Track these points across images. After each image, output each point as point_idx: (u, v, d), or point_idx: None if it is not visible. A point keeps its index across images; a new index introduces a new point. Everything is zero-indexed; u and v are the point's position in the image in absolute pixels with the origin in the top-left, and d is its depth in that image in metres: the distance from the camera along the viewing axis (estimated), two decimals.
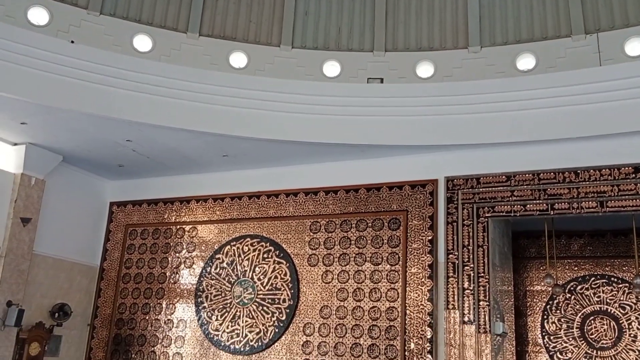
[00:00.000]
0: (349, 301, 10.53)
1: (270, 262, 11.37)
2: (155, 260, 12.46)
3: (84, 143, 11.16)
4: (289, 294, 11.01)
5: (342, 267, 10.77)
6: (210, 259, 11.90)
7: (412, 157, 10.72)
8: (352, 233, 10.88)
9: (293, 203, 11.52)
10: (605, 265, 11.49)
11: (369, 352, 10.12)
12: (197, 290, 11.81)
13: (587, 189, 9.48)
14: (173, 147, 11.13)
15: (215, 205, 12.21)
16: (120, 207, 13.16)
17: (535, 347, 11.60)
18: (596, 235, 11.73)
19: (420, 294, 10.06)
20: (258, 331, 11.04)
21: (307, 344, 10.61)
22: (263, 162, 11.58)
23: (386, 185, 10.83)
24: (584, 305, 11.42)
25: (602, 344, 11.10)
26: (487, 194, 10.11)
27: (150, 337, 11.95)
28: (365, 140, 10.34)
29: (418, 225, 10.42)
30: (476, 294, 9.80)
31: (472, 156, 10.34)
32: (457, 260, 9.98)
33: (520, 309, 11.82)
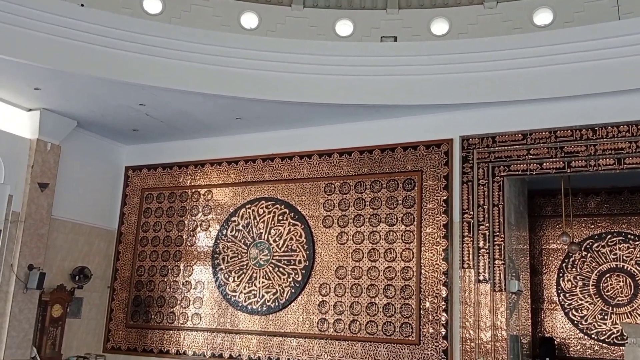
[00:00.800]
0: (364, 261, 10.61)
1: (285, 224, 11.45)
2: (172, 223, 12.59)
3: (98, 108, 11.18)
4: (304, 255, 11.11)
5: (357, 228, 10.81)
6: (226, 222, 12.00)
7: (426, 116, 10.62)
8: (367, 194, 10.89)
9: (307, 165, 11.51)
10: (622, 222, 11.42)
11: (385, 311, 10.24)
12: (214, 253, 11.95)
13: (604, 145, 9.36)
14: (186, 111, 11.12)
15: (229, 169, 12.25)
16: (136, 172, 13.25)
17: (551, 304, 11.65)
18: (613, 192, 11.63)
19: (435, 253, 10.10)
20: (275, 292, 11.19)
21: (323, 303, 10.75)
22: (276, 124, 11.54)
23: (400, 146, 10.77)
24: (600, 263, 11.41)
25: (618, 301, 11.13)
26: (502, 153, 10.02)
27: (169, 298, 12.18)
28: (379, 100, 10.24)
29: (433, 185, 10.39)
30: (491, 253, 9.82)
31: (487, 115, 10.22)
32: (472, 219, 9.98)
33: (535, 267, 11.84)
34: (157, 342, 11.99)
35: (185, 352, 11.69)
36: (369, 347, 10.19)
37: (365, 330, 10.30)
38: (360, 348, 10.25)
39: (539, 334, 11.49)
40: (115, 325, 12.54)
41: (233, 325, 11.41)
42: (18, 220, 10.95)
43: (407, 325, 10.02)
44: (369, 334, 10.25)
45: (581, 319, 11.31)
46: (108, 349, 12.43)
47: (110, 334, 12.52)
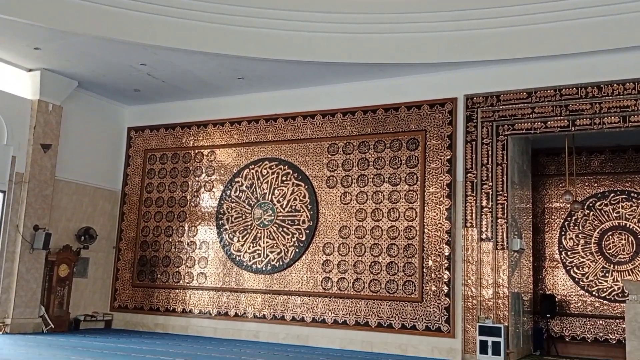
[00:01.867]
0: (368, 221, 10.68)
1: (289, 184, 11.48)
2: (176, 184, 12.63)
3: (99, 68, 11.08)
4: (308, 215, 11.17)
5: (361, 188, 10.84)
6: (230, 183, 12.03)
7: (431, 75, 10.53)
8: (370, 154, 10.87)
9: (310, 125, 11.47)
10: (626, 181, 11.42)
11: (388, 269, 10.35)
12: (218, 213, 12.02)
13: (609, 103, 9.29)
14: (188, 70, 11.02)
15: (232, 129, 12.21)
16: (138, 132, 13.22)
17: (552, 262, 11.75)
18: (617, 151, 11.58)
19: (439, 212, 10.15)
20: (279, 251, 11.30)
21: (327, 262, 10.86)
22: (279, 84, 11.45)
23: (404, 105, 10.71)
24: (602, 221, 11.46)
25: (620, 259, 11.22)
26: (507, 112, 9.97)
27: (174, 258, 12.30)
28: (383, 58, 10.13)
29: (437, 144, 10.36)
30: (494, 212, 9.87)
31: (492, 73, 10.13)
32: (475, 179, 9.99)
33: (538, 225, 11.90)
34: (164, 301, 12.17)
35: (191, 310, 11.88)
36: (372, 305, 10.35)
37: (369, 289, 10.43)
38: (364, 306, 10.41)
39: (540, 291, 11.63)
40: (121, 284, 12.71)
41: (238, 285, 11.56)
42: (22, 181, 10.99)
43: (409, 283, 10.14)
44: (372, 292, 10.39)
45: (582, 276, 11.44)
46: (115, 307, 12.64)
47: (117, 293, 12.70)
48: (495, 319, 9.55)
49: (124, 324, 12.43)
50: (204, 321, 11.69)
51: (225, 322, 11.49)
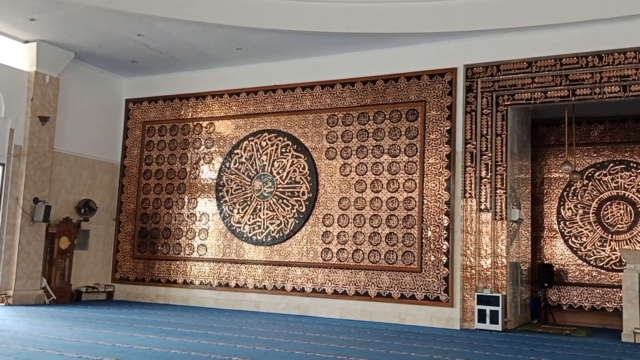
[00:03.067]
0: (367, 192, 10.70)
1: (288, 156, 11.46)
2: (175, 156, 12.61)
3: (95, 39, 10.97)
4: (308, 187, 11.19)
5: (360, 160, 10.84)
6: (229, 155, 12.02)
7: (430, 45, 10.44)
8: (370, 125, 10.84)
9: (309, 96, 11.41)
10: (625, 150, 11.41)
11: (387, 240, 10.41)
12: (218, 185, 12.03)
13: (610, 73, 9.24)
14: (185, 41, 10.92)
15: (231, 101, 12.14)
16: (137, 104, 13.15)
17: (551, 232, 11.82)
18: (617, 120, 11.55)
19: (438, 183, 10.16)
20: (279, 223, 11.34)
21: (327, 234, 10.92)
22: (277, 54, 11.35)
23: (404, 76, 10.64)
24: (601, 191, 11.49)
25: (618, 228, 11.27)
26: (507, 82, 9.91)
27: (174, 230, 12.35)
28: (383, 28, 10.04)
29: (436, 115, 10.33)
30: (493, 183, 9.89)
31: (492, 42, 10.04)
32: (475, 149, 9.98)
33: (537, 196, 11.93)
34: (164, 273, 12.27)
35: (192, 281, 11.97)
36: (372, 275, 10.43)
37: (368, 259, 10.51)
38: (364, 276, 10.49)
39: (538, 261, 11.72)
40: (122, 256, 12.78)
41: (238, 256, 11.63)
42: (21, 154, 10.97)
43: (409, 254, 10.21)
44: (372, 262, 10.47)
45: (580, 246, 11.51)
46: (116, 279, 12.73)
47: (118, 265, 12.78)
48: (494, 288, 9.65)
49: (125, 295, 12.54)
50: (205, 292, 11.80)
51: (226, 293, 11.60)
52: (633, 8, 8.83)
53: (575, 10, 9.19)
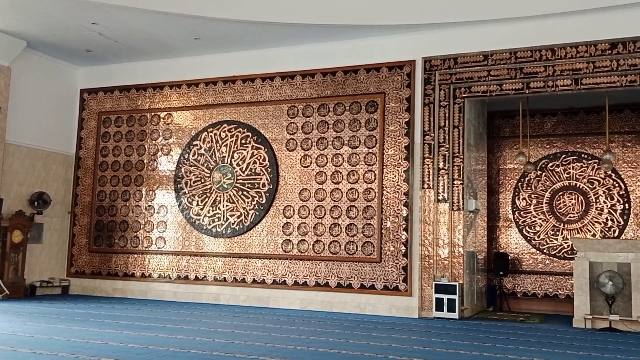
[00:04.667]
0: (328, 184, 10.74)
1: (248, 147, 11.41)
2: (132, 147, 12.39)
3: (48, 27, 10.65)
4: (268, 179, 11.16)
5: (321, 151, 10.86)
6: (188, 146, 11.88)
7: (389, 37, 10.52)
8: (330, 117, 10.87)
9: (269, 87, 11.36)
10: (577, 142, 11.77)
11: (347, 231, 10.49)
12: (176, 177, 11.89)
13: (562, 66, 9.50)
14: (142, 30, 10.71)
15: (189, 91, 11.99)
16: (92, 95, 12.85)
17: (506, 222, 12.11)
18: (569, 113, 11.89)
19: (397, 175, 10.28)
20: (239, 215, 11.29)
21: (288, 225, 10.92)
22: (237, 45, 11.25)
23: (363, 68, 10.69)
24: (553, 182, 11.83)
25: (570, 218, 11.64)
26: (463, 74, 10.08)
27: (132, 222, 12.16)
28: (342, 20, 10.06)
29: (395, 107, 10.43)
30: (451, 174, 10.06)
31: (449, 35, 10.19)
32: (433, 141, 10.12)
33: (493, 186, 12.19)
34: (122, 266, 12.07)
35: (150, 274, 11.82)
36: (332, 266, 10.50)
37: (329, 250, 10.57)
38: (324, 267, 10.55)
39: (494, 250, 12.00)
40: (78, 250, 12.52)
41: (198, 248, 11.53)
42: None
43: (368, 244, 10.31)
44: (332, 253, 10.53)
45: (534, 235, 11.83)
46: (72, 273, 12.47)
47: (74, 259, 12.52)
48: (451, 277, 9.84)
49: (81, 289, 12.29)
50: (164, 285, 11.67)
51: (185, 286, 11.50)
52: (585, 3, 9.09)
53: (529, 5, 9.40)
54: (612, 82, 9.26)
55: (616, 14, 9.12)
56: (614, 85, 9.27)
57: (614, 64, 9.20)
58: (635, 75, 9.11)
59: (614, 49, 9.19)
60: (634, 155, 11.43)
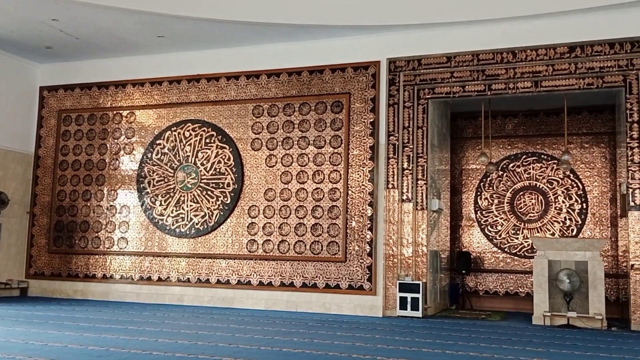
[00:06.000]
0: (293, 183, 10.74)
1: (213, 147, 11.31)
2: (93, 146, 12.16)
3: (7, 23, 10.37)
4: (233, 178, 11.09)
5: (286, 151, 10.85)
6: (151, 145, 11.72)
7: (355, 38, 10.58)
8: (295, 117, 10.87)
9: (234, 87, 11.29)
10: (537, 143, 12.04)
11: (313, 231, 10.50)
12: (139, 176, 11.71)
13: (523, 69, 9.70)
14: (104, 27, 10.52)
15: (153, 90, 11.83)
16: (52, 92, 12.57)
17: (469, 221, 12.31)
18: (530, 114, 12.16)
19: (362, 174, 10.34)
20: (203, 215, 11.19)
21: (253, 225, 10.87)
22: (201, 43, 11.15)
23: (329, 68, 10.72)
24: (514, 182, 12.08)
25: (530, 217, 11.90)
26: (427, 76, 10.19)
27: (93, 223, 11.93)
28: (308, 20, 10.07)
29: (360, 107, 10.49)
30: (415, 174, 10.17)
31: (413, 37, 10.30)
32: (397, 141, 10.22)
33: (456, 186, 12.38)
34: (83, 267, 11.83)
35: (112, 276, 11.62)
36: (297, 266, 10.50)
37: (294, 250, 10.56)
38: (289, 267, 10.54)
39: (457, 249, 12.18)
40: (37, 251, 12.22)
41: (161, 249, 11.39)
42: None
43: (334, 244, 10.34)
44: (297, 253, 10.53)
45: (496, 234, 12.06)
46: (31, 274, 12.17)
47: (33, 260, 12.22)
48: (415, 276, 9.95)
49: (40, 291, 12.01)
50: (126, 286, 11.48)
51: (148, 287, 11.34)
52: (545, 7, 9.30)
53: (491, 8, 9.57)
54: (571, 85, 9.50)
55: (575, 18, 9.37)
56: (572, 87, 9.51)
57: (572, 67, 9.44)
58: (592, 78, 9.37)
59: (572, 52, 9.43)
60: (591, 156, 11.75)
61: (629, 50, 9.15)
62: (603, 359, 6.30)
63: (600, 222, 11.53)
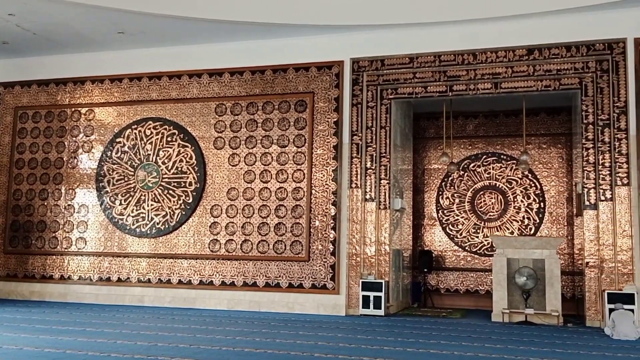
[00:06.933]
0: (256, 183, 10.68)
1: (174, 145, 11.17)
2: (51, 144, 11.87)
3: None
4: (195, 177, 10.97)
5: (249, 150, 10.79)
6: (111, 143, 11.50)
7: (318, 37, 10.58)
8: (259, 115, 10.82)
9: (197, 84, 11.17)
10: (497, 143, 12.27)
11: (276, 230, 10.47)
12: (98, 175, 11.48)
13: (483, 70, 9.86)
14: (62, 22, 10.27)
15: (112, 87, 11.61)
16: (8, 89, 12.21)
17: (430, 220, 12.46)
18: (490, 115, 12.38)
19: (325, 174, 10.36)
20: (164, 214, 11.04)
21: (215, 225, 10.78)
22: (163, 40, 10.99)
23: (293, 67, 10.71)
24: (475, 181, 12.28)
25: (490, 216, 12.12)
26: (390, 76, 10.27)
27: (50, 223, 11.64)
28: (272, 18, 10.03)
29: (324, 107, 10.50)
30: (378, 173, 10.24)
31: (377, 37, 10.36)
32: (360, 141, 10.27)
33: (418, 186, 12.51)
34: (39, 268, 11.53)
35: (70, 276, 11.36)
36: (260, 265, 10.45)
37: (257, 250, 10.51)
38: (252, 267, 10.49)
39: (419, 248, 12.31)
40: None
41: (121, 249, 11.19)
42: None
43: (297, 244, 10.33)
44: (260, 252, 10.49)
45: (457, 233, 12.24)
46: None
47: None
48: (377, 275, 10.01)
49: None
50: (85, 287, 11.24)
51: (107, 288, 11.12)
52: (504, 10, 9.47)
53: (453, 10, 9.70)
54: (529, 87, 9.70)
55: (533, 21, 9.57)
56: (530, 89, 9.72)
57: (531, 69, 9.64)
58: (550, 80, 9.59)
59: (530, 55, 9.64)
60: (548, 157, 12.03)
61: (585, 54, 9.40)
62: (559, 354, 6.46)
63: (557, 221, 11.81)
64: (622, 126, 9.12)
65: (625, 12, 9.24)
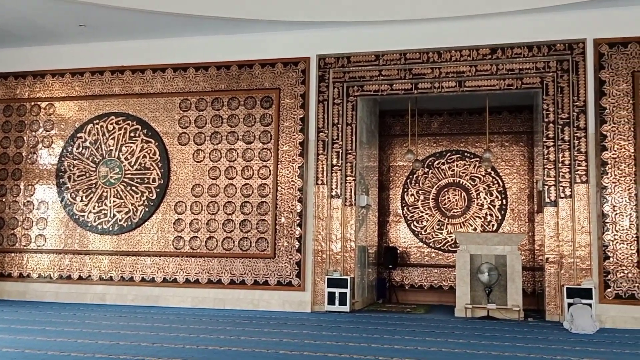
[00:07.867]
0: (222, 179, 10.59)
1: (137, 141, 10.99)
2: (9, 139, 11.54)
3: None
4: (159, 174, 10.82)
5: (214, 146, 10.68)
6: (72, 138, 11.24)
7: (285, 33, 10.53)
8: (224, 111, 10.72)
9: (161, 79, 11.01)
10: (460, 141, 12.44)
11: (241, 227, 10.40)
12: (59, 171, 11.22)
13: (448, 69, 9.97)
14: (21, 14, 9.98)
15: (73, 81, 11.35)
16: None
17: (396, 217, 12.57)
18: (454, 113, 12.54)
19: (291, 170, 10.33)
20: (127, 211, 10.86)
21: (179, 221, 10.65)
22: (126, 34, 10.79)
23: (259, 63, 10.64)
24: (439, 179, 12.43)
25: (454, 213, 12.28)
26: (356, 73, 10.30)
27: (8, 219, 11.33)
28: (239, 13, 9.95)
29: (290, 103, 10.47)
30: (344, 170, 10.26)
31: (343, 34, 10.38)
32: (327, 138, 10.27)
33: (383, 183, 12.60)
34: None
35: (29, 274, 11.08)
36: (225, 263, 10.38)
37: (222, 247, 10.43)
38: (217, 264, 10.40)
39: (384, 244, 12.41)
40: None
41: (82, 246, 10.96)
42: None
43: (262, 240, 10.29)
44: (225, 249, 10.41)
45: (421, 229, 12.38)
46: None
47: None
48: (343, 271, 10.04)
49: None
50: (45, 285, 10.98)
51: (68, 286, 10.88)
52: (469, 9, 9.60)
53: (418, 9, 9.78)
54: (492, 85, 9.85)
55: (496, 21, 9.72)
56: (493, 88, 9.87)
57: (494, 68, 9.79)
58: (512, 79, 9.75)
59: (494, 54, 9.78)
60: (511, 154, 12.25)
61: (546, 53, 9.59)
62: (520, 348, 6.59)
63: (519, 217, 12.05)
64: (581, 125, 9.34)
65: (585, 13, 9.46)
